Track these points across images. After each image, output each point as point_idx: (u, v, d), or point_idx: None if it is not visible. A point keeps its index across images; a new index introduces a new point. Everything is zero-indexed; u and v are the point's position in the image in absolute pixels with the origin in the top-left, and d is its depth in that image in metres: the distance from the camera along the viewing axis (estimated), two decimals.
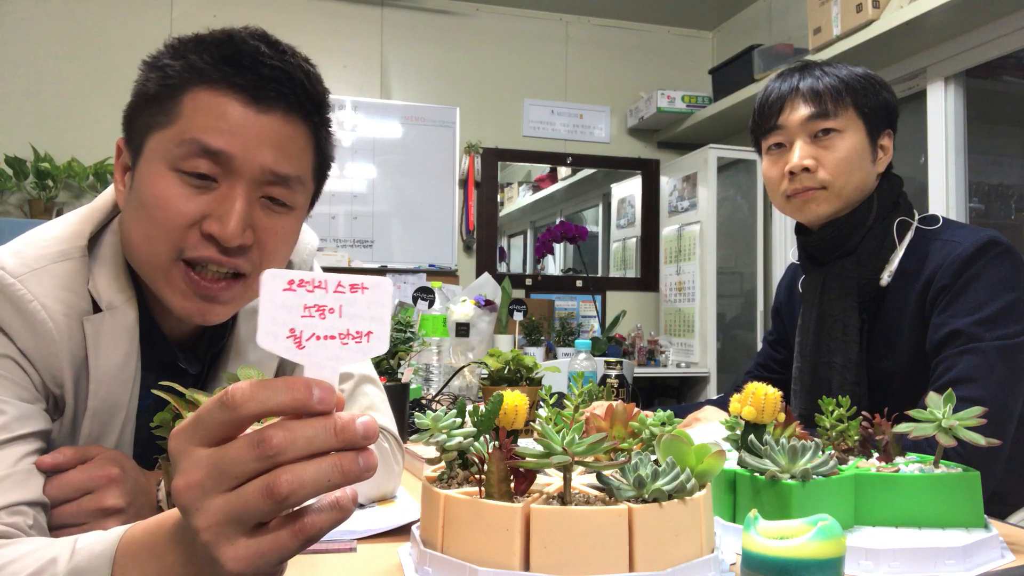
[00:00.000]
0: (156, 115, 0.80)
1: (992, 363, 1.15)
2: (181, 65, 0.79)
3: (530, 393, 1.34)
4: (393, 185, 3.95)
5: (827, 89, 1.31)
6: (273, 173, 0.80)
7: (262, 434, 0.45)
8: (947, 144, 2.79)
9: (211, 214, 0.78)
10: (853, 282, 1.32)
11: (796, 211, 1.37)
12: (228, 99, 0.78)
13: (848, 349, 1.31)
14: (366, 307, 0.49)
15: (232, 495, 0.45)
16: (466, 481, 0.70)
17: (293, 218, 0.86)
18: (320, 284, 0.48)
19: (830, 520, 0.57)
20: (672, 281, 4.05)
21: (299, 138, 0.83)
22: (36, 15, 3.49)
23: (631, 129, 4.33)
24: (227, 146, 0.78)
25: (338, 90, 3.86)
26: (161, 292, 0.82)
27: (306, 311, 0.48)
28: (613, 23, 4.34)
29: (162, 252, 0.79)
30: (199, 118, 0.78)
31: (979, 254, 1.21)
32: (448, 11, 4.09)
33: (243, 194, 0.79)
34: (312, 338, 0.48)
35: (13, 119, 3.42)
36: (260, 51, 0.79)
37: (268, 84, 0.79)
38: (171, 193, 0.78)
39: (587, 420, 0.78)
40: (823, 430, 0.88)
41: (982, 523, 0.77)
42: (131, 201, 0.82)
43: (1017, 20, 2.52)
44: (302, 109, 0.83)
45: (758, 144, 1.43)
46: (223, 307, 0.83)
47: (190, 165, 0.78)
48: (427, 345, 1.90)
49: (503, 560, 0.59)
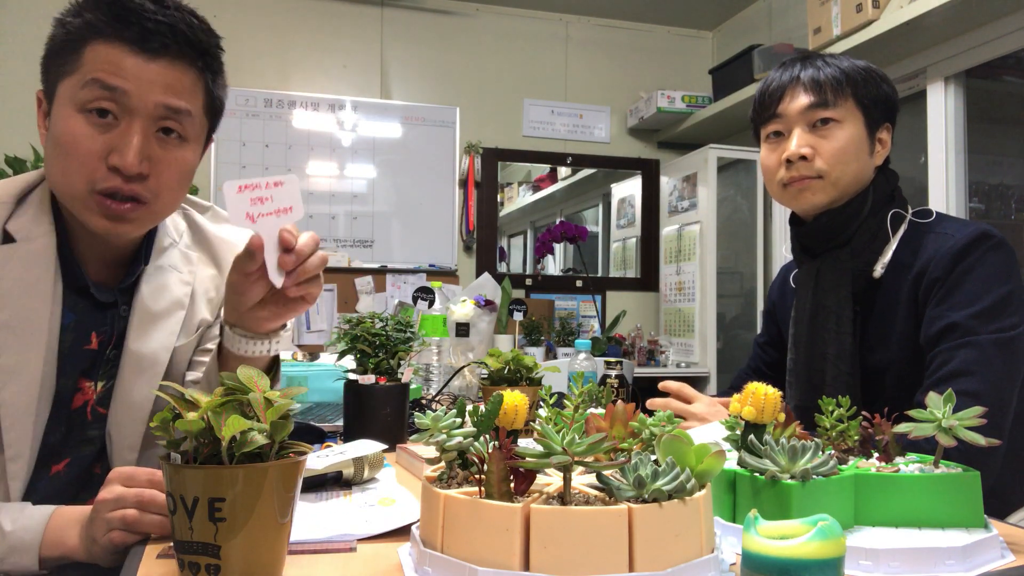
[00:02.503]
0: (63, 65, 0.95)
1: (989, 356, 1.15)
2: (80, 22, 0.94)
3: (530, 393, 1.34)
4: (393, 185, 3.95)
5: (828, 79, 1.32)
6: (165, 107, 0.95)
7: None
8: (947, 144, 2.79)
9: (114, 148, 0.93)
10: (847, 273, 1.32)
11: (792, 199, 1.37)
12: (120, 49, 0.93)
13: (842, 340, 1.31)
14: (286, 193, 0.85)
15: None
16: (466, 481, 0.70)
17: (188, 150, 1.01)
18: (256, 185, 0.83)
19: (830, 520, 0.57)
20: (672, 281, 4.05)
21: (186, 79, 0.98)
22: (36, 15, 3.48)
23: (631, 129, 4.33)
24: (122, 84, 0.92)
25: (338, 90, 3.87)
26: (80, 215, 0.97)
27: (252, 201, 0.83)
28: (613, 23, 4.34)
29: (77, 184, 0.95)
30: (98, 65, 0.93)
31: (972, 247, 1.22)
32: (448, 11, 4.09)
33: (140, 129, 0.94)
34: (259, 215, 0.83)
35: (13, 119, 3.42)
36: (144, 7, 0.93)
37: (153, 36, 0.93)
38: (79, 132, 0.93)
39: (587, 420, 0.78)
40: (823, 430, 0.88)
41: (982, 523, 0.77)
42: (49, 142, 0.98)
43: (1017, 20, 2.52)
44: (186, 56, 0.97)
45: (757, 133, 1.43)
46: (130, 225, 0.99)
47: (93, 103, 0.92)
48: (427, 345, 1.90)
49: (503, 560, 0.59)
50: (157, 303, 1.11)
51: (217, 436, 0.60)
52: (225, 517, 0.60)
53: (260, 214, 0.83)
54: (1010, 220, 2.85)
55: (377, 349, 1.28)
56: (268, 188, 0.83)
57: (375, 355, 1.28)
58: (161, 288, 1.12)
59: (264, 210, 0.83)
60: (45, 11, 3.28)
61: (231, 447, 0.61)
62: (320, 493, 0.96)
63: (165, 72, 0.95)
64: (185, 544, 0.61)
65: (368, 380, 1.25)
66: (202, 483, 0.60)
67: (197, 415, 0.61)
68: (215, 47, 1.02)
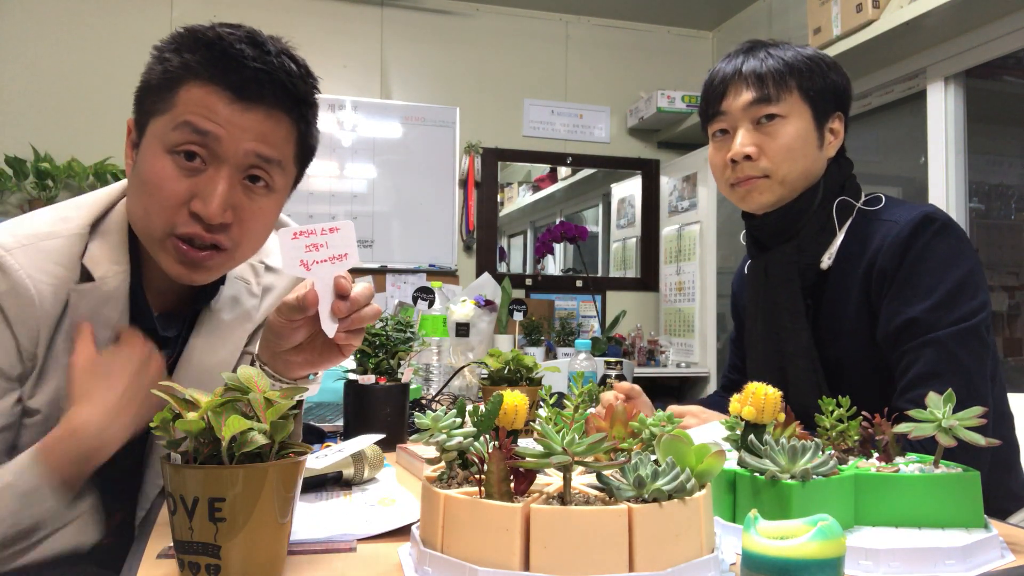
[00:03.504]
0: (157, 102, 0.92)
1: (953, 353, 1.13)
2: (178, 61, 0.91)
3: (530, 393, 1.34)
4: (393, 185, 3.95)
5: (770, 72, 1.27)
6: (256, 155, 0.92)
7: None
8: (947, 144, 2.79)
9: (198, 194, 0.90)
10: (794, 267, 1.28)
11: (740, 200, 1.34)
12: (216, 94, 0.89)
13: (798, 336, 1.28)
14: (341, 240, 0.82)
15: None
16: (466, 481, 0.70)
17: (272, 200, 0.98)
18: (311, 232, 0.81)
19: (830, 520, 0.57)
20: (672, 281, 4.05)
21: (281, 129, 0.95)
22: (36, 15, 3.49)
23: (631, 129, 4.33)
24: (214, 129, 0.89)
25: (338, 90, 3.87)
26: (156, 256, 0.95)
27: (307, 248, 0.81)
28: (613, 23, 4.34)
29: (157, 225, 0.92)
30: (192, 107, 0.89)
31: (916, 233, 1.18)
32: (448, 11, 4.09)
33: (226, 177, 0.90)
34: (313, 263, 0.81)
35: (13, 119, 3.42)
36: (244, 53, 0.90)
37: (250, 84, 0.90)
38: (165, 174, 0.90)
39: (587, 420, 0.78)
40: (823, 430, 0.88)
41: (982, 523, 0.77)
42: (133, 177, 0.95)
43: (1017, 20, 2.52)
44: (283, 105, 0.94)
45: (705, 130, 1.39)
46: (207, 272, 0.96)
47: (182, 146, 0.89)
48: (427, 345, 1.90)
49: (503, 560, 0.59)
50: (225, 315, 1.09)
51: (217, 436, 0.60)
52: (225, 517, 0.60)
53: (315, 261, 0.80)
54: (1010, 220, 2.85)
55: (377, 349, 1.28)
56: (323, 235, 0.81)
57: (375, 355, 1.28)
58: (230, 300, 1.10)
59: (319, 257, 0.81)
60: (45, 14, 3.29)
61: (231, 447, 0.61)
62: (320, 493, 0.96)
63: (260, 121, 0.92)
64: (185, 544, 0.61)
65: (368, 380, 1.25)
66: (202, 483, 0.60)
67: (197, 415, 0.61)
68: (312, 95, 0.99)
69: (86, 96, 3.50)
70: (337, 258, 0.81)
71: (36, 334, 0.91)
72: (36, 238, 0.93)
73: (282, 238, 0.79)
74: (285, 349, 0.89)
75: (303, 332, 0.87)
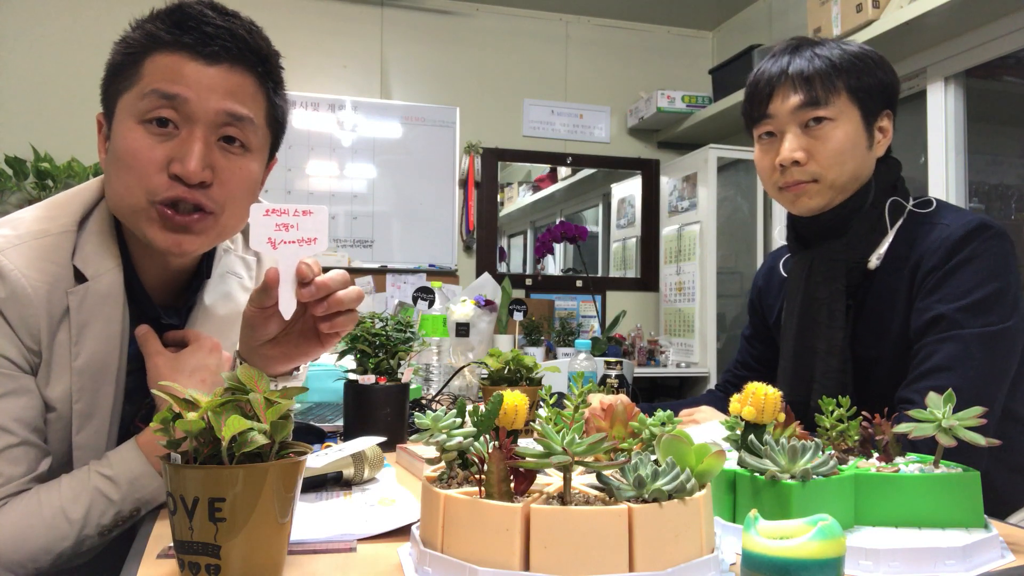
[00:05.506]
0: (123, 81, 0.93)
1: (972, 351, 1.12)
2: (140, 34, 0.93)
3: (530, 393, 1.34)
4: (393, 185, 3.95)
5: (817, 73, 1.24)
6: (226, 113, 0.92)
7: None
8: (947, 144, 2.79)
9: (175, 158, 0.90)
10: (841, 264, 1.27)
11: (789, 203, 1.33)
12: (180, 57, 0.91)
13: (832, 335, 1.26)
14: (312, 224, 0.80)
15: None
16: (466, 481, 0.70)
17: (251, 159, 0.97)
18: (284, 211, 0.79)
19: (830, 520, 0.57)
20: (672, 281, 4.05)
21: (247, 86, 0.95)
22: (36, 15, 3.49)
23: (631, 129, 4.33)
24: (182, 91, 0.90)
25: (338, 90, 3.87)
26: (143, 231, 0.94)
27: (277, 227, 0.79)
28: (613, 23, 4.34)
29: (138, 196, 0.91)
30: (157, 74, 0.91)
31: (969, 237, 1.18)
32: (448, 11, 4.09)
33: (201, 137, 0.91)
34: (281, 242, 0.79)
35: (13, 119, 3.42)
36: (204, 14, 0.92)
37: (212, 40, 0.91)
38: (140, 144, 0.91)
39: (587, 420, 0.78)
40: (823, 430, 0.88)
41: (982, 523, 0.77)
42: (109, 159, 0.95)
43: (1017, 20, 2.52)
44: (246, 60, 0.95)
45: (750, 131, 1.37)
46: (196, 237, 0.95)
47: (153, 113, 0.90)
48: (427, 345, 1.90)
49: (503, 560, 0.59)
50: (220, 311, 1.10)
51: (217, 436, 0.60)
52: (225, 517, 0.60)
53: (283, 241, 0.79)
54: (1010, 220, 2.85)
55: (377, 349, 1.28)
56: (295, 216, 0.80)
57: (375, 355, 1.28)
58: (223, 296, 1.11)
59: (287, 237, 0.80)
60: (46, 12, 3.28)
61: (231, 447, 0.61)
62: (320, 493, 0.96)
63: (225, 77, 0.92)
64: (185, 544, 0.61)
65: (368, 380, 1.25)
66: (202, 483, 0.60)
67: (197, 415, 0.61)
68: (275, 54, 1.00)
69: (86, 96, 3.49)
70: (305, 241, 0.80)
71: (37, 333, 0.91)
72: (27, 237, 0.93)
73: (253, 212, 0.79)
74: (261, 343, 0.88)
75: (274, 323, 0.86)
